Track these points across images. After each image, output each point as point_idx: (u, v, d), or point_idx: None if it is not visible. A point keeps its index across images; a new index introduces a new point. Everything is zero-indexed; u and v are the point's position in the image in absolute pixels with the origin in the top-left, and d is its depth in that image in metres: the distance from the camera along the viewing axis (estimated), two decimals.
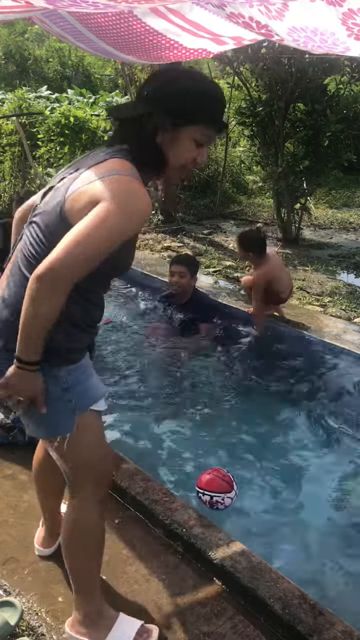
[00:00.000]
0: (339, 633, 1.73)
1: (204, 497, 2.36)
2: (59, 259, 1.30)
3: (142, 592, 1.96)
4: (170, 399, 3.41)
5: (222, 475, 2.43)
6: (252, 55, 6.12)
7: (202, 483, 2.40)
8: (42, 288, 1.31)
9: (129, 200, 1.36)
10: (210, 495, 2.35)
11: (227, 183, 9.05)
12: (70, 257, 1.31)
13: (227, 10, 2.11)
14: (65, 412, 1.54)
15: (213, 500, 2.35)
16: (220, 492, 2.36)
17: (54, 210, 1.44)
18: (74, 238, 1.31)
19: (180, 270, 4.09)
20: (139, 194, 1.38)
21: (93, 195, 1.36)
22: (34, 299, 1.33)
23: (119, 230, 1.36)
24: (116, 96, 11.20)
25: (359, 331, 4.28)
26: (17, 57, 18.71)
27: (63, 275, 1.32)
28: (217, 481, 2.39)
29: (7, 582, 1.98)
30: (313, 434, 3.16)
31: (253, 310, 4.19)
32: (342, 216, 8.74)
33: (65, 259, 1.30)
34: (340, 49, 2.11)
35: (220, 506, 2.36)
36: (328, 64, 5.94)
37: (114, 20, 2.49)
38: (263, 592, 1.86)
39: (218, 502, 2.36)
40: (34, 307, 1.34)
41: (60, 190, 1.46)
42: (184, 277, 4.09)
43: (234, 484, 2.42)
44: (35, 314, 1.34)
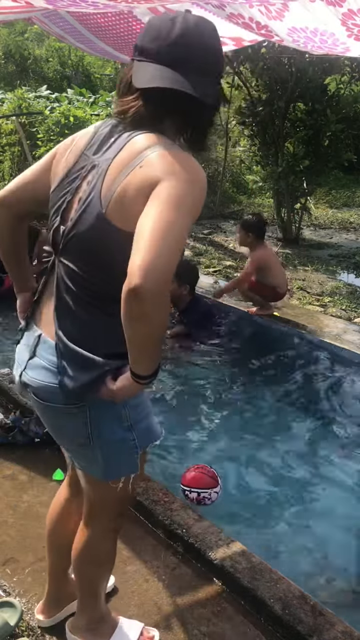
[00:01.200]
0: (339, 633, 1.73)
1: (191, 494, 2.35)
2: (149, 265, 1.05)
3: (142, 592, 1.96)
4: (168, 400, 3.41)
5: (206, 471, 2.43)
6: (252, 55, 6.13)
7: (188, 480, 2.39)
8: (136, 302, 1.08)
9: (190, 170, 1.16)
10: (197, 492, 2.35)
11: (227, 183, 9.05)
12: (162, 256, 1.07)
13: (227, 10, 2.12)
14: (129, 451, 1.39)
15: (200, 497, 2.35)
16: (207, 488, 2.36)
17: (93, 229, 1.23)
18: (156, 233, 1.08)
19: None
20: (193, 161, 1.20)
21: (145, 180, 1.15)
22: (134, 317, 1.11)
23: (196, 205, 1.16)
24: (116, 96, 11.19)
25: (359, 331, 4.28)
26: (17, 56, 18.70)
27: (161, 280, 1.08)
28: (203, 477, 2.39)
29: (7, 582, 1.98)
30: (313, 434, 3.16)
31: (239, 277, 4.35)
32: (342, 216, 8.74)
33: (157, 261, 1.06)
34: (340, 50, 2.11)
35: (207, 502, 2.36)
36: (328, 64, 5.95)
37: (113, 21, 2.49)
38: (263, 593, 1.86)
39: (205, 498, 2.35)
40: (136, 324, 1.12)
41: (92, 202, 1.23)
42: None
43: (218, 478, 2.43)
44: (140, 332, 1.14)
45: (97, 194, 1.22)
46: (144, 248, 1.07)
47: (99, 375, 1.27)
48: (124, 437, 1.37)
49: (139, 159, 1.18)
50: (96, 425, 1.34)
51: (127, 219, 1.16)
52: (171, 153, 1.17)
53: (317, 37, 2.08)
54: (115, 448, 1.37)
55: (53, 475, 2.49)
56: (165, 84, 1.19)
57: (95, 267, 1.25)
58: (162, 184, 1.12)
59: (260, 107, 6.42)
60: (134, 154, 1.19)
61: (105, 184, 1.21)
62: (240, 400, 3.48)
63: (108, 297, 1.22)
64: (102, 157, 1.26)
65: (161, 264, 1.07)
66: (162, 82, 1.19)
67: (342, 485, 2.72)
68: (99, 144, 1.29)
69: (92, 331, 1.29)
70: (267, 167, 6.76)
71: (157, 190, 1.12)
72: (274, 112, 6.39)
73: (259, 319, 4.40)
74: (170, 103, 1.23)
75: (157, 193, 1.12)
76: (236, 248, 6.83)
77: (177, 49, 1.20)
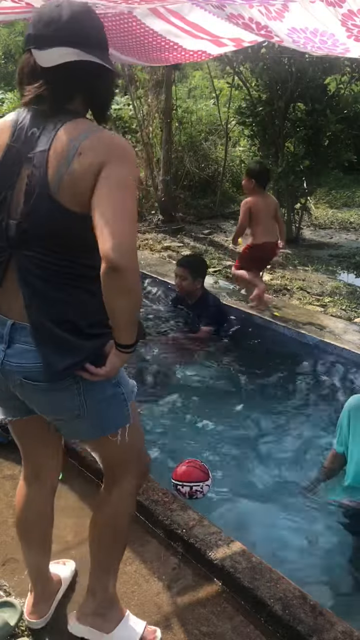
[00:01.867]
0: (339, 633, 1.73)
1: (184, 488, 2.38)
2: (122, 245, 1.21)
3: (142, 592, 1.96)
4: (169, 399, 3.41)
5: (198, 465, 2.47)
6: (252, 55, 6.13)
7: (180, 475, 2.42)
8: (119, 277, 1.22)
9: (123, 149, 1.31)
10: (190, 486, 2.38)
11: (227, 183, 9.05)
12: (128, 235, 1.23)
13: (226, 11, 2.12)
14: (120, 404, 1.50)
15: (193, 490, 2.38)
16: (199, 481, 2.40)
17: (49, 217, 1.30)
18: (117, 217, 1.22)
19: (181, 273, 4.08)
20: (120, 138, 1.34)
21: (90, 166, 1.25)
22: (120, 291, 1.26)
23: (135, 180, 1.32)
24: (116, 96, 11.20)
25: (359, 331, 4.28)
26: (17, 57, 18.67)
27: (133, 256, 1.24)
28: (194, 471, 2.43)
29: (7, 582, 1.98)
30: (313, 434, 3.16)
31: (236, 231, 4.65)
32: (342, 216, 8.74)
33: (126, 240, 1.22)
34: (340, 50, 2.12)
35: (199, 495, 2.40)
36: (328, 64, 5.95)
37: (114, 22, 2.50)
38: (263, 592, 1.86)
39: (197, 492, 2.39)
40: (122, 297, 1.27)
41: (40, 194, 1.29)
42: (184, 279, 4.06)
43: (209, 471, 2.47)
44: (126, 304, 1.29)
45: (44, 185, 1.29)
46: (112, 232, 1.21)
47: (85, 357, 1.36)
48: (115, 392, 1.47)
49: (73, 148, 1.27)
50: (89, 391, 1.42)
51: (80, 202, 1.27)
52: (101, 135, 1.30)
53: (317, 38, 2.08)
54: (107, 404, 1.47)
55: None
56: (74, 57, 1.28)
57: (61, 250, 1.33)
58: (106, 168, 1.25)
59: (260, 107, 6.43)
60: (67, 143, 1.28)
61: (50, 175, 1.28)
62: (241, 400, 3.48)
63: (78, 274, 1.35)
64: (34, 149, 1.31)
65: (129, 242, 1.23)
66: (72, 57, 1.28)
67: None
68: (25, 136, 1.34)
69: (70, 311, 1.36)
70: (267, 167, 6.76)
71: (104, 174, 1.25)
72: (274, 112, 6.39)
73: (258, 319, 4.41)
74: (78, 78, 1.33)
75: (106, 178, 1.24)
76: (236, 248, 6.83)
77: (73, 27, 1.31)
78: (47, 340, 1.35)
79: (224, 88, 9.30)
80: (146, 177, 8.17)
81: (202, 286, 4.19)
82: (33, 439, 1.65)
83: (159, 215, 7.77)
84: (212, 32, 2.45)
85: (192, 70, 13.26)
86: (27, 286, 1.35)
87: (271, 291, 5.26)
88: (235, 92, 7.32)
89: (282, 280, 5.65)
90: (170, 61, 2.87)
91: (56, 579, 1.90)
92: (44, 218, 1.30)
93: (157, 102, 7.64)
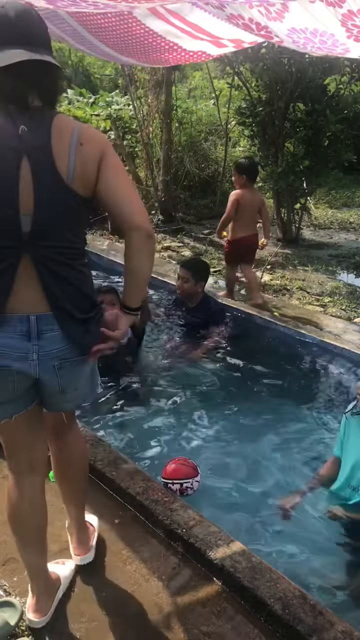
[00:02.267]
0: (339, 633, 1.74)
1: (174, 486, 2.43)
2: (147, 217, 1.53)
3: (142, 592, 1.96)
4: (169, 399, 3.42)
5: (187, 463, 2.52)
6: (252, 55, 6.13)
7: (169, 473, 2.47)
8: (152, 242, 1.53)
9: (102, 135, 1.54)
10: (180, 483, 2.43)
11: (227, 183, 9.04)
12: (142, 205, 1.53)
13: (226, 11, 2.12)
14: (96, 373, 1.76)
15: (183, 487, 2.43)
16: (188, 478, 2.45)
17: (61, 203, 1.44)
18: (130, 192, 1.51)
19: (183, 275, 4.07)
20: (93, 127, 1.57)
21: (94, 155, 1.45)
22: (150, 254, 1.55)
23: None
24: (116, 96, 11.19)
25: (359, 331, 4.28)
26: None
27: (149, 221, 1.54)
28: (183, 469, 2.48)
29: (7, 582, 1.98)
30: (313, 434, 3.16)
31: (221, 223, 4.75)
32: (342, 216, 8.74)
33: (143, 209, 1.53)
34: (340, 50, 2.12)
35: (189, 491, 2.45)
36: (328, 64, 5.95)
37: (114, 22, 2.50)
38: (263, 592, 1.87)
39: (188, 488, 2.44)
40: (150, 261, 1.56)
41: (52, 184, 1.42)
42: (186, 282, 4.06)
43: (197, 467, 2.52)
44: (150, 266, 1.58)
45: (57, 175, 1.42)
46: (138, 208, 1.50)
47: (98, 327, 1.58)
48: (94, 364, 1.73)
49: (73, 140, 1.43)
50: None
51: (88, 187, 1.47)
52: (87, 127, 1.49)
53: (316, 38, 2.08)
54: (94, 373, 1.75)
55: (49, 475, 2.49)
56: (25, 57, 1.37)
57: (72, 235, 1.50)
58: (106, 156, 1.47)
59: (260, 108, 6.42)
60: (65, 135, 1.43)
61: (60, 166, 1.42)
62: (241, 400, 3.48)
63: (79, 254, 1.54)
64: (31, 145, 1.40)
65: (145, 210, 1.53)
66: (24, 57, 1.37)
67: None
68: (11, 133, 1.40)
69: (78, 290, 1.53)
70: (267, 167, 6.76)
71: (105, 161, 1.47)
72: (274, 113, 6.39)
73: (258, 319, 4.41)
74: (31, 76, 1.42)
75: (107, 163, 1.47)
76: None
77: (20, 27, 1.39)
78: (70, 321, 1.51)
79: (223, 88, 9.30)
80: (146, 177, 8.17)
81: (203, 290, 4.19)
82: (30, 431, 1.70)
83: (159, 216, 7.77)
84: (212, 32, 2.45)
85: (192, 71, 13.26)
86: (47, 276, 1.47)
87: (271, 291, 5.26)
88: (235, 93, 7.31)
89: (282, 280, 5.65)
90: (170, 62, 2.87)
91: (55, 577, 1.91)
92: (61, 207, 1.44)
93: (157, 102, 7.64)
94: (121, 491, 2.34)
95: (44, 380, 1.57)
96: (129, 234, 1.50)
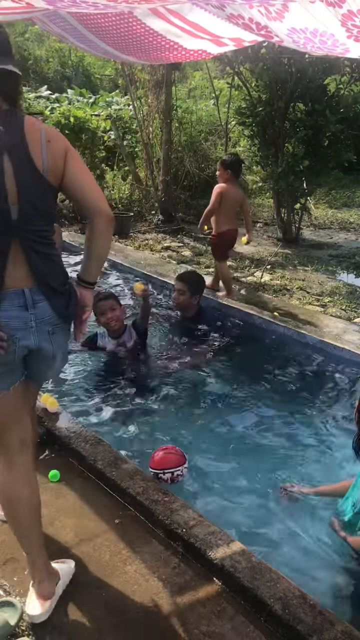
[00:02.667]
0: (339, 633, 1.73)
1: (165, 475, 2.46)
2: (105, 201, 1.75)
3: (142, 591, 1.96)
4: (170, 401, 3.42)
5: (174, 451, 2.55)
6: (252, 56, 6.13)
7: (158, 463, 2.49)
8: (112, 226, 1.77)
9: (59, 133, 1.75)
10: (171, 472, 2.47)
11: None
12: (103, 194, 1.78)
13: (226, 11, 2.12)
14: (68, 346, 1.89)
15: (174, 475, 2.48)
16: (178, 466, 2.49)
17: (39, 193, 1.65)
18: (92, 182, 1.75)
19: (179, 288, 4.13)
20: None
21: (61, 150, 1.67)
22: (110, 237, 1.81)
23: None
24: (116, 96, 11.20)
25: (359, 331, 4.28)
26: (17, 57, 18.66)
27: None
28: (172, 457, 2.51)
29: (7, 582, 1.98)
30: (313, 434, 3.16)
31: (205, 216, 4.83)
32: (342, 216, 8.75)
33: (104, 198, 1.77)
34: (340, 50, 2.11)
35: (180, 479, 2.49)
36: (328, 64, 5.95)
37: (114, 21, 2.50)
38: (263, 592, 1.87)
39: (179, 476, 2.49)
40: (109, 242, 1.82)
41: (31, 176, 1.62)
42: (182, 294, 4.11)
43: (184, 453, 2.56)
44: (109, 247, 1.82)
45: (35, 169, 1.62)
46: (100, 196, 1.75)
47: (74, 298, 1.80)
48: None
49: (42, 138, 1.64)
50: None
51: (57, 178, 1.69)
52: (47, 126, 1.71)
53: (316, 38, 2.08)
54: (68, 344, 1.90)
55: (49, 475, 2.49)
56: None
57: (46, 221, 1.71)
58: (69, 151, 1.70)
59: (260, 108, 6.43)
60: (36, 134, 1.63)
61: (36, 161, 1.62)
62: (242, 402, 3.47)
63: (50, 238, 1.74)
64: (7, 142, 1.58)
65: (105, 198, 1.77)
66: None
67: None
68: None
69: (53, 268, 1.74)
70: (267, 167, 6.76)
71: (69, 155, 1.70)
72: (274, 113, 6.39)
73: (257, 319, 4.41)
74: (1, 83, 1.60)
75: (72, 157, 1.71)
76: (236, 248, 6.83)
77: None
78: (52, 293, 1.72)
79: (223, 88, 9.31)
80: (146, 177, 8.17)
81: (198, 302, 4.25)
82: (21, 407, 1.81)
83: (159, 216, 7.78)
84: (212, 31, 2.45)
85: (192, 71, 13.27)
86: (33, 256, 1.67)
87: (271, 291, 5.26)
88: (235, 93, 7.32)
89: (282, 280, 5.65)
90: (170, 60, 2.88)
91: (55, 570, 1.93)
92: (40, 196, 1.65)
93: (157, 102, 7.64)
94: (121, 491, 2.34)
95: (40, 347, 1.73)
96: (93, 218, 1.73)
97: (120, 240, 6.89)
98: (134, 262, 5.76)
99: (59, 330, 1.77)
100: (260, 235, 7.64)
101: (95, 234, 1.75)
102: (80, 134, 7.40)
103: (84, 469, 2.53)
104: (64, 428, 2.73)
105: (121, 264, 5.67)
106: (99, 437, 2.69)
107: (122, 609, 1.88)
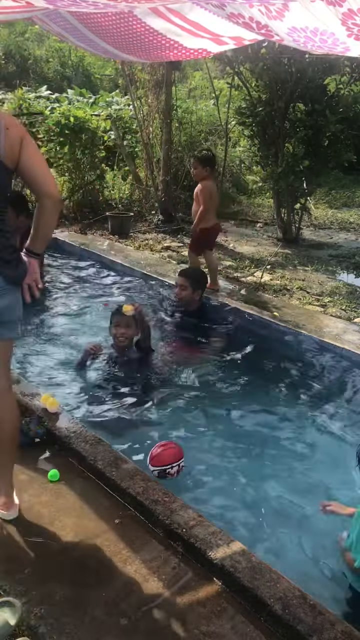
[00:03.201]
0: (338, 633, 1.73)
1: (173, 469, 2.54)
2: (55, 184, 2.01)
3: (142, 591, 1.96)
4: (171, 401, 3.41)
5: (171, 445, 2.63)
6: (252, 55, 6.13)
7: (165, 459, 2.54)
8: (60, 207, 1.89)
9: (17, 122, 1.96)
10: (178, 465, 2.56)
11: (227, 183, 9.05)
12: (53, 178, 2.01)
13: (227, 10, 2.12)
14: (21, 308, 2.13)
15: (180, 468, 2.57)
16: (181, 458, 2.57)
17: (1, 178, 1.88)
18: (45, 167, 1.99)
19: (181, 283, 4.19)
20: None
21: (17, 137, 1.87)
22: (57, 216, 2.07)
23: None
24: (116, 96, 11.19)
25: (359, 331, 4.28)
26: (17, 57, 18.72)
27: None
28: (173, 451, 2.58)
29: (7, 582, 1.98)
30: (313, 434, 3.16)
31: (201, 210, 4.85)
32: (342, 216, 8.75)
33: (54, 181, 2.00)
34: (340, 49, 2.11)
35: (183, 469, 2.59)
36: (328, 64, 5.95)
37: (114, 20, 2.50)
38: (263, 592, 1.86)
39: (182, 467, 2.59)
40: (55, 220, 2.08)
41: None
42: (184, 290, 4.17)
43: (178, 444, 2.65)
44: (55, 224, 2.10)
45: None
46: (51, 180, 1.99)
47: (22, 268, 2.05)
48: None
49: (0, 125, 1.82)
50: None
51: (14, 162, 1.90)
52: (5, 114, 1.91)
53: (317, 37, 2.08)
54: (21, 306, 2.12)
55: (48, 475, 2.49)
56: None
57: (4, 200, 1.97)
58: (25, 138, 1.90)
59: (260, 108, 6.42)
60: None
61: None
62: (243, 402, 3.47)
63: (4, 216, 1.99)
64: None
65: (56, 183, 1.95)
66: None
67: (344, 485, 2.71)
68: None
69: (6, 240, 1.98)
70: (267, 167, 6.76)
71: (25, 142, 1.90)
72: (274, 113, 6.39)
73: (257, 318, 4.40)
74: None
75: (27, 143, 1.91)
76: (236, 248, 6.84)
77: None
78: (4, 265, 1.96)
79: (223, 88, 9.30)
80: (146, 177, 8.17)
81: (200, 298, 4.31)
82: None
83: (159, 216, 7.77)
84: (213, 30, 2.45)
85: (192, 71, 13.26)
86: None
87: (271, 291, 5.26)
88: (235, 93, 7.31)
89: (282, 280, 5.65)
90: (170, 58, 2.88)
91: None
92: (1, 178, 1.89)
93: (157, 102, 7.64)
94: (121, 491, 2.34)
95: None
96: (42, 199, 1.97)
97: (120, 240, 6.89)
98: (134, 262, 5.76)
99: (6, 293, 1.99)
100: (260, 235, 7.64)
101: (43, 213, 1.99)
102: (80, 134, 7.39)
103: (84, 469, 2.53)
104: (64, 428, 2.73)
105: (121, 264, 5.67)
106: (99, 437, 2.68)
107: (122, 609, 1.88)
